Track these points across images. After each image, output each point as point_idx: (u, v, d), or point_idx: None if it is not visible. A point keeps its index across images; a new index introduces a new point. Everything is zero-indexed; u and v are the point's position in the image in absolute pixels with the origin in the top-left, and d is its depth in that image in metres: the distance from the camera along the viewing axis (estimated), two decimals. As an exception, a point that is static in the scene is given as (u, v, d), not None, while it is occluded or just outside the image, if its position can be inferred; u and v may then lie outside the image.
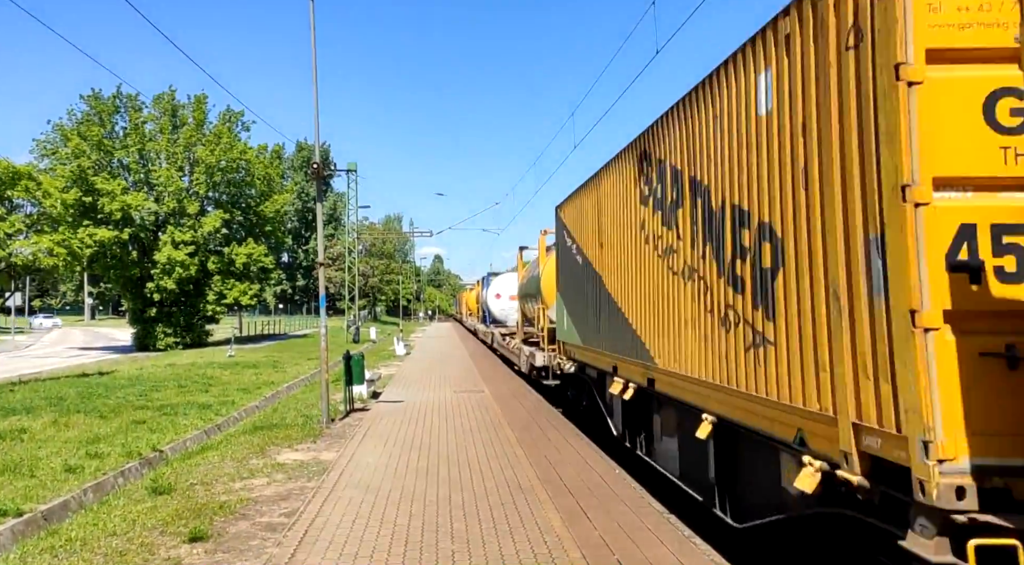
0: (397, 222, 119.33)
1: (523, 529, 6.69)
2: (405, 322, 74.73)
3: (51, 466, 8.71)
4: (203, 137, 38.83)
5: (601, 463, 9.68)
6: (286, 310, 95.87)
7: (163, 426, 11.67)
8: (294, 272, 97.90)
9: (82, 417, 12.44)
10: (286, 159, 75.78)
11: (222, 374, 20.67)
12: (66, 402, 14.20)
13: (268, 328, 59.15)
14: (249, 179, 40.65)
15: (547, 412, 14.46)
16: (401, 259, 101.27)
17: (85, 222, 34.71)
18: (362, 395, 16.04)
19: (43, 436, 10.74)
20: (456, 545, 6.27)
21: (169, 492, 8.12)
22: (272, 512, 7.53)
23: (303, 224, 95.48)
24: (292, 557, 5.96)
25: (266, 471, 9.33)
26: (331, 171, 20.10)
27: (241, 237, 41.04)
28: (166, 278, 36.18)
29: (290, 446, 11.01)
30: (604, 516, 7.14)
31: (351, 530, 6.69)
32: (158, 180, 37.34)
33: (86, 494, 7.80)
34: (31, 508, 6.99)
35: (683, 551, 6.09)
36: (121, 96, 38.38)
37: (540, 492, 8.03)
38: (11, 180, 34.87)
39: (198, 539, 6.53)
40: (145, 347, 37.26)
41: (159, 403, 14.33)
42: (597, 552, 6.08)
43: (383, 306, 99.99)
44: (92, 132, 35.67)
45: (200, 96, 39.84)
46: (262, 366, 23.65)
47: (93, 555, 6.10)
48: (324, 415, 12.76)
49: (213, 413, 13.23)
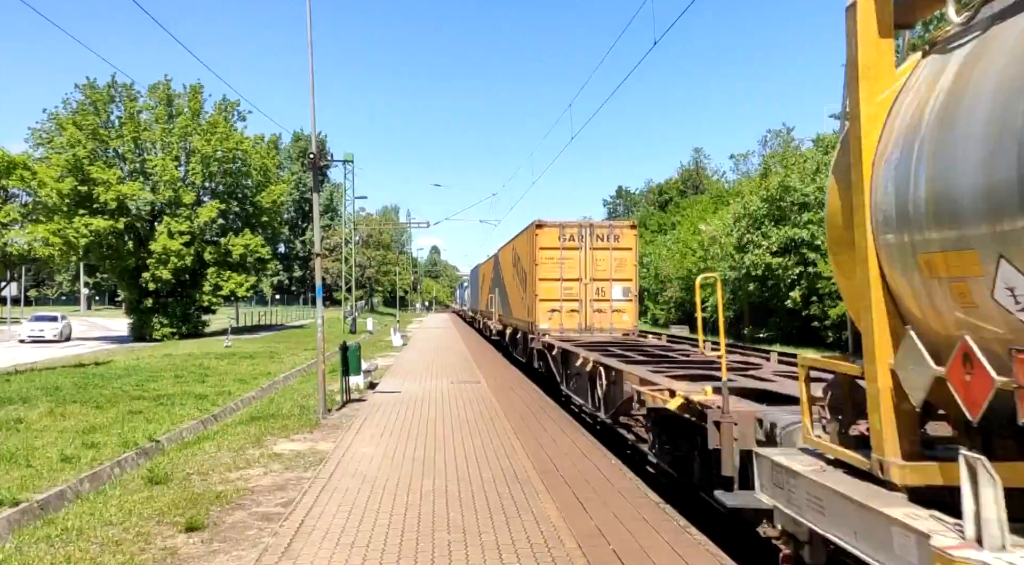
0: (394, 213, 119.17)
1: (519, 519, 6.71)
2: (402, 313, 74.73)
3: (47, 456, 8.70)
4: (199, 127, 38.66)
5: (598, 454, 9.71)
6: (283, 301, 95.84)
7: (160, 416, 11.66)
8: (291, 263, 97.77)
9: (78, 407, 12.43)
10: (283, 149, 75.69)
11: (219, 364, 20.66)
12: (62, 392, 14.18)
13: (265, 318, 59.15)
14: (246, 169, 40.50)
15: (544, 403, 14.49)
16: (398, 250, 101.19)
17: (81, 211, 34.57)
18: (359, 385, 16.06)
19: (39, 426, 10.72)
20: (452, 535, 6.28)
21: (165, 482, 8.12)
22: (269, 502, 7.53)
23: (300, 215, 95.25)
24: (288, 547, 5.97)
25: (263, 461, 9.33)
26: (328, 161, 20.14)
27: (238, 227, 40.93)
28: (162, 268, 36.10)
29: (287, 436, 11.01)
30: (600, 506, 7.16)
31: (347, 520, 6.70)
32: (154, 169, 37.21)
33: (82, 484, 7.79)
34: (27, 498, 6.98)
35: (678, 541, 6.11)
36: (116, 85, 38.22)
37: (537, 483, 8.05)
38: (6, 169, 34.67)
39: (194, 529, 6.53)
40: (141, 337, 37.22)
41: (155, 393, 14.32)
42: (593, 542, 6.10)
43: (380, 297, 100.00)
44: (88, 121, 35.51)
45: (196, 86, 39.71)
46: (259, 356, 23.64)
47: (89, 544, 6.10)
48: (321, 405, 12.76)
49: (210, 403, 13.22)
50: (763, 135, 69.51)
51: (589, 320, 17.32)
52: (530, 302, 18.07)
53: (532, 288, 17.75)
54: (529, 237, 18.44)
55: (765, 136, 58.10)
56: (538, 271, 17.43)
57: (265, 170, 41.69)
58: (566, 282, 17.31)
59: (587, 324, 17.24)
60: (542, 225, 17.63)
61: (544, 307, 17.31)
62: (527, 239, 18.88)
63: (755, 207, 33.80)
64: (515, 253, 21.73)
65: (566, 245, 17.35)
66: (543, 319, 17.30)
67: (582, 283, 17.33)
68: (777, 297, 32.01)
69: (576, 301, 17.32)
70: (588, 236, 17.41)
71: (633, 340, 16.25)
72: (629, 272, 17.61)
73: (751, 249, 33.13)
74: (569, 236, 17.38)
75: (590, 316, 17.32)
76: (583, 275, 17.28)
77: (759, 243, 32.28)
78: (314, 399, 13.54)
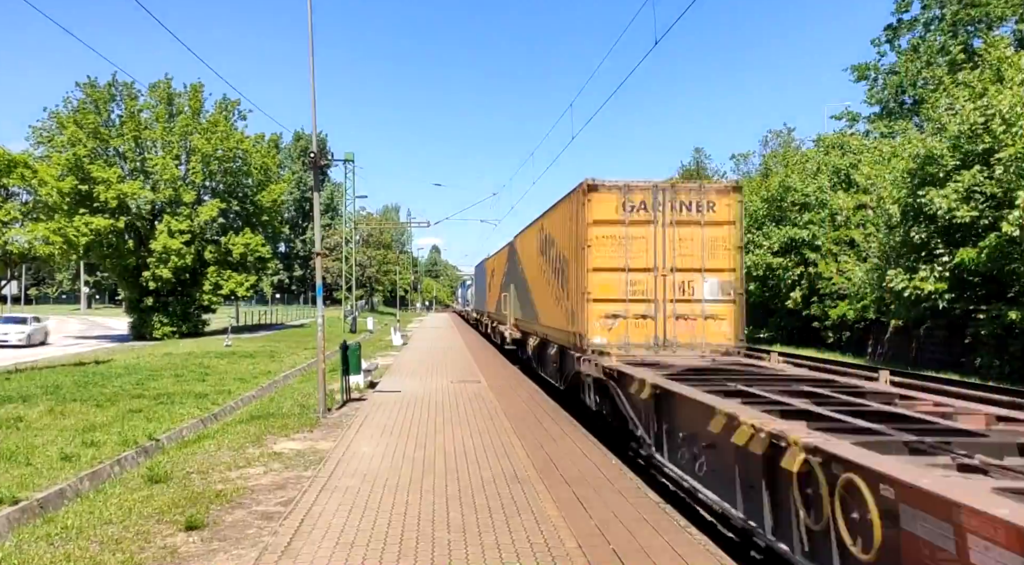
0: (395, 212, 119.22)
1: (519, 519, 6.70)
2: (402, 313, 74.67)
3: (47, 454, 8.70)
4: (199, 126, 38.63)
5: (598, 454, 9.70)
6: (283, 300, 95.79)
7: (160, 415, 11.66)
8: (291, 262, 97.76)
9: (78, 406, 12.43)
10: (283, 148, 75.66)
11: (219, 363, 20.65)
12: (62, 391, 14.18)
13: (265, 318, 59.11)
14: (246, 168, 40.47)
15: (544, 402, 14.48)
16: (398, 249, 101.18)
17: (81, 210, 34.55)
18: (359, 385, 16.05)
19: (39, 424, 10.73)
20: (452, 535, 6.27)
21: (165, 481, 8.12)
22: (268, 501, 7.53)
23: (300, 214, 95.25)
24: (288, 546, 5.96)
25: (263, 460, 9.33)
26: (328, 161, 20.06)
27: (238, 227, 40.90)
28: (162, 267, 36.08)
29: (287, 435, 11.01)
30: (601, 506, 7.15)
31: (347, 519, 6.70)
32: (154, 168, 37.17)
33: (82, 482, 7.79)
34: (27, 496, 6.98)
35: (679, 541, 6.11)
36: (117, 84, 38.18)
37: (537, 482, 8.04)
38: (7, 168, 34.68)
39: (194, 528, 6.53)
40: (142, 336, 37.21)
41: (156, 392, 14.32)
42: (593, 541, 6.09)
43: (380, 297, 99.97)
44: (88, 120, 35.47)
45: (196, 84, 39.65)
46: (259, 356, 23.64)
47: (89, 543, 6.10)
48: (321, 404, 12.76)
49: (210, 402, 13.22)
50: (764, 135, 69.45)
51: (668, 331, 11.69)
52: (574, 304, 12.39)
53: (579, 283, 12.08)
54: (573, 208, 12.63)
55: (766, 136, 58.02)
56: (589, 258, 11.77)
57: (266, 169, 41.65)
58: (633, 274, 11.70)
59: (664, 337, 11.68)
60: (595, 187, 11.84)
61: (598, 311, 11.70)
62: (569, 211, 12.99)
63: (756, 207, 33.78)
64: (544, 236, 15.77)
65: (632, 218, 11.75)
66: (597, 330, 11.70)
67: (657, 275, 11.72)
68: (777, 297, 31.99)
69: (647, 302, 11.71)
70: (666, 204, 11.75)
71: (748, 365, 10.30)
72: (730, 259, 11.85)
73: (751, 249, 33.13)
74: (637, 204, 11.77)
75: (669, 325, 11.70)
76: (658, 263, 11.73)
77: (760, 243, 32.26)
78: (314, 398, 13.54)
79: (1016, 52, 20.52)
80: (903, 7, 37.97)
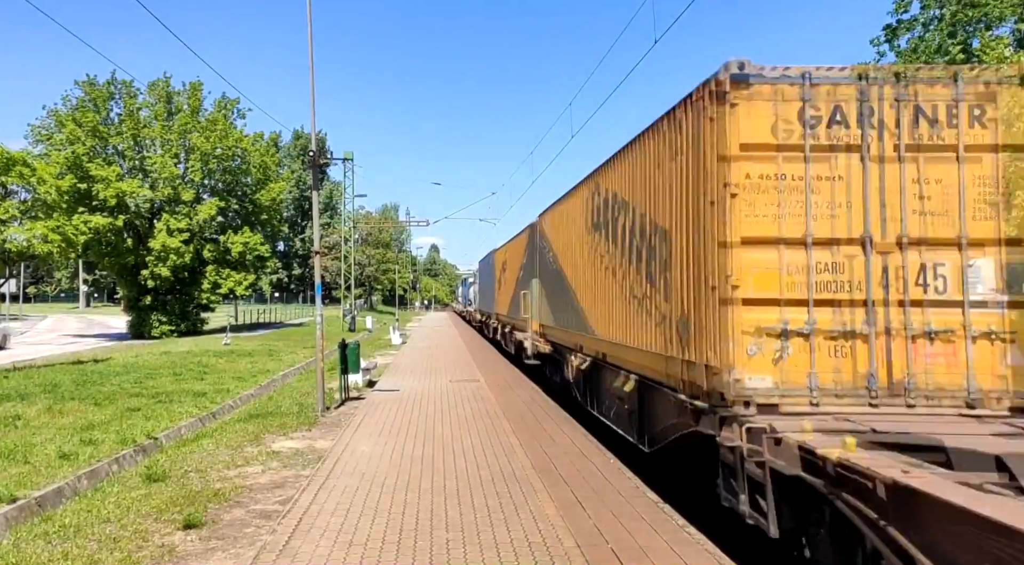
0: (394, 211, 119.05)
1: (518, 518, 6.70)
2: (401, 311, 74.70)
3: (45, 453, 8.69)
4: (198, 124, 38.58)
5: (596, 453, 9.70)
6: (282, 298, 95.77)
7: (158, 413, 11.65)
8: (290, 261, 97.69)
9: (77, 404, 12.42)
10: (283, 147, 75.65)
11: (217, 362, 20.64)
12: (61, 389, 14.16)
13: (264, 316, 59.08)
14: (245, 167, 40.43)
15: (543, 402, 14.48)
16: (397, 248, 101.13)
17: (80, 209, 34.49)
18: (358, 383, 16.05)
19: (37, 423, 10.71)
20: (451, 533, 6.27)
21: (163, 479, 8.11)
22: (267, 500, 7.53)
23: (299, 213, 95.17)
24: (287, 544, 5.96)
25: (261, 459, 9.33)
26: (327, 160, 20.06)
27: (237, 225, 40.85)
28: (161, 265, 36.04)
29: (285, 434, 11.01)
30: (599, 505, 7.16)
31: (346, 518, 6.70)
32: (153, 167, 37.12)
33: (80, 481, 7.78)
34: (25, 494, 6.97)
35: (677, 540, 6.11)
36: (116, 82, 38.13)
37: (535, 481, 8.04)
38: (5, 166, 34.53)
39: (192, 526, 6.53)
40: (140, 335, 37.16)
41: (154, 391, 14.31)
42: (591, 540, 6.09)
43: (379, 295, 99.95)
44: (87, 118, 35.41)
45: (195, 83, 39.59)
46: (258, 354, 23.62)
47: (87, 541, 6.09)
48: (320, 403, 12.75)
49: (208, 401, 13.21)
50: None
51: (896, 363, 5.89)
52: (690, 307, 6.52)
53: (703, 267, 6.25)
54: (690, 127, 6.56)
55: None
56: (731, 218, 5.96)
57: (265, 168, 41.60)
58: (820, 250, 5.98)
59: (890, 375, 5.87)
60: (745, 80, 6.03)
61: (750, 321, 5.89)
62: (677, 140, 6.89)
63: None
64: (605, 200, 9.78)
65: (818, 142, 6.07)
66: (750, 361, 5.86)
67: (872, 253, 5.96)
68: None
69: (851, 305, 5.98)
70: (885, 113, 6.18)
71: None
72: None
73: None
74: (827, 116, 6.16)
75: (899, 351, 5.91)
76: (873, 230, 5.98)
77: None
78: (313, 397, 13.53)
79: (1015, 52, 20.53)
80: (902, 7, 37.96)
